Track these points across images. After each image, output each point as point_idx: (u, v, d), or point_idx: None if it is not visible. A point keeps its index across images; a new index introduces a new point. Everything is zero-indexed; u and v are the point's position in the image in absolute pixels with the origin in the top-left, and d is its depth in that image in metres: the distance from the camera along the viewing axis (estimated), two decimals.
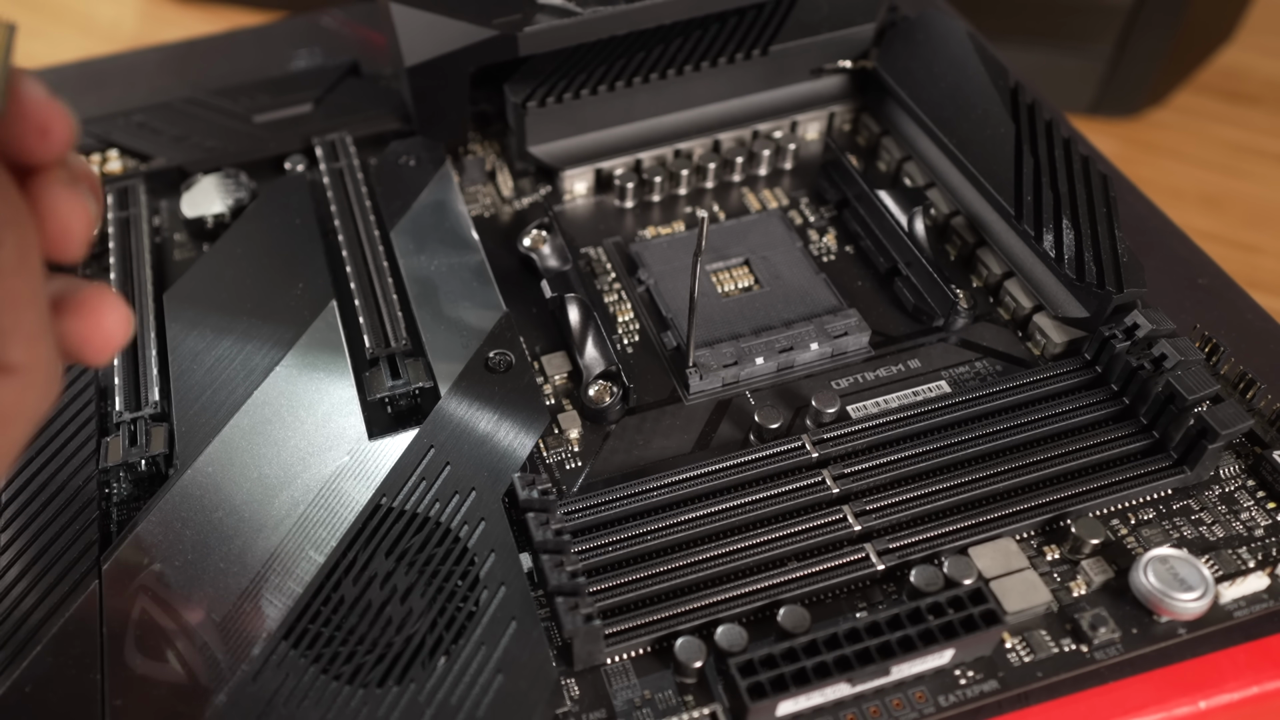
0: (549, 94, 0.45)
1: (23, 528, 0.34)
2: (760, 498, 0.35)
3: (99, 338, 0.24)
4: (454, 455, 0.35)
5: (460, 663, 0.30)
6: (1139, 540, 0.34)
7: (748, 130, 0.49)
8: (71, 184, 0.23)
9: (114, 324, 0.24)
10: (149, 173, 0.48)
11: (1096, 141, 0.51)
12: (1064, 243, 0.39)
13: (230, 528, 0.33)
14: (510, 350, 0.38)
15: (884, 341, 0.41)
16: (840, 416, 0.38)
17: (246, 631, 0.31)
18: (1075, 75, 1.28)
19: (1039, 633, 0.32)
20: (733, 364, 0.39)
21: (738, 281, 0.43)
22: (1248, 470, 0.36)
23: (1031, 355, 0.40)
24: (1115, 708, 0.31)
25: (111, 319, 0.24)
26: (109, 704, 0.30)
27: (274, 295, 0.41)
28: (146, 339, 0.40)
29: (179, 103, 0.51)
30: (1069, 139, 0.43)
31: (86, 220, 0.24)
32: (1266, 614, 0.32)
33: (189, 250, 0.46)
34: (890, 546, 0.33)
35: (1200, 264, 0.43)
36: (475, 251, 0.43)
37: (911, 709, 0.30)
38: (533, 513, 0.33)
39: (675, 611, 0.32)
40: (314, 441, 0.36)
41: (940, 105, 0.45)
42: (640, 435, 0.38)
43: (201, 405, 0.37)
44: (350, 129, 0.49)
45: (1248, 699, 0.31)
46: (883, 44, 0.49)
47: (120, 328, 0.24)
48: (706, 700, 0.31)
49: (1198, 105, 1.36)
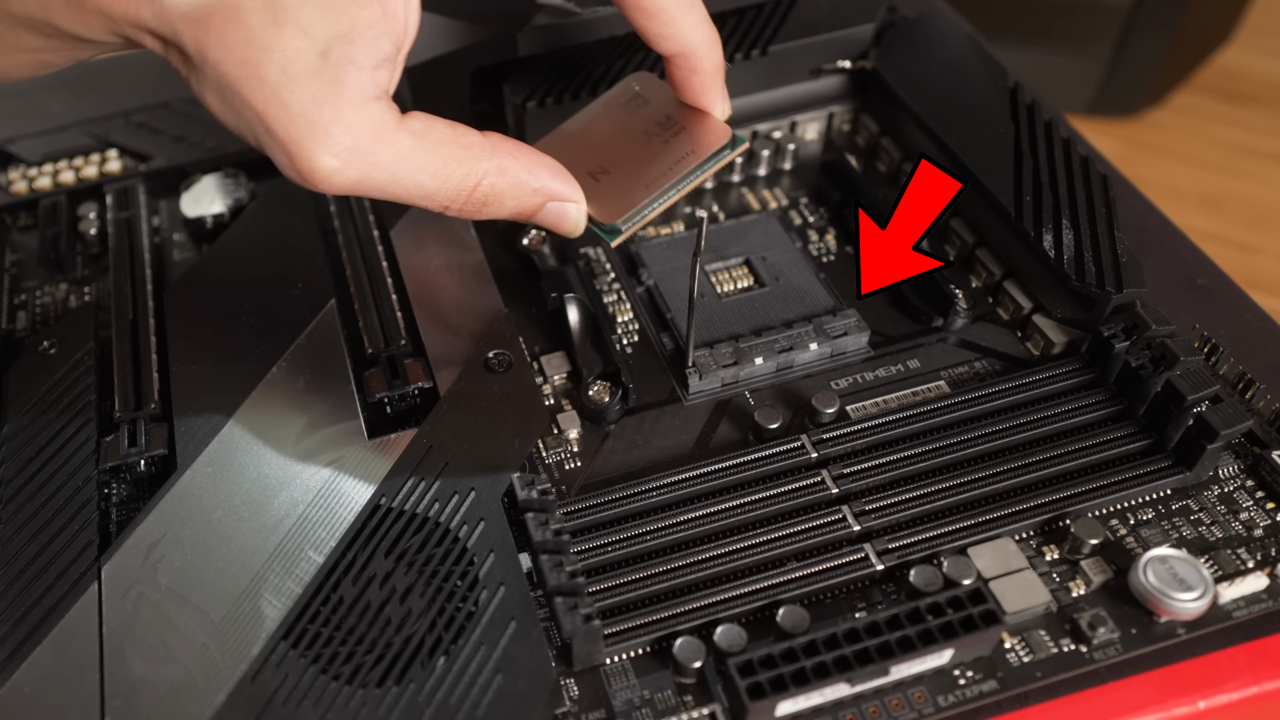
0: (549, 94, 0.45)
1: (22, 528, 0.34)
2: (759, 498, 0.35)
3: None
4: (453, 455, 0.35)
5: (459, 663, 0.30)
6: (1138, 540, 0.34)
7: (747, 130, 0.49)
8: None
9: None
10: (149, 173, 0.48)
11: (1096, 142, 0.51)
12: (1063, 243, 0.39)
13: (230, 528, 0.33)
14: (510, 350, 0.38)
15: (883, 342, 0.41)
16: (839, 417, 0.38)
17: (246, 631, 0.31)
18: (1074, 76, 1.29)
19: (1038, 633, 0.32)
20: (732, 364, 0.39)
21: (737, 282, 0.43)
22: (1247, 470, 0.36)
23: (1031, 355, 0.40)
24: (1114, 708, 0.31)
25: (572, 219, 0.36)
26: (109, 704, 0.30)
27: (274, 295, 0.41)
28: (146, 339, 0.40)
29: (179, 103, 0.51)
30: (1068, 139, 0.43)
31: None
32: (1265, 614, 0.32)
33: (189, 250, 0.47)
34: (889, 546, 0.33)
35: (1199, 264, 0.43)
36: (475, 251, 0.43)
37: (911, 709, 0.30)
38: (532, 513, 0.33)
39: (674, 612, 0.32)
40: (313, 442, 0.36)
41: (939, 105, 0.45)
42: (640, 435, 0.38)
43: (201, 405, 0.37)
44: None
45: (1247, 699, 0.31)
46: (882, 44, 0.49)
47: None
48: (706, 700, 0.31)
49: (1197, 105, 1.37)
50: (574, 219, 0.36)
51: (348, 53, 0.30)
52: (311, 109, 0.29)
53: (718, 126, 0.37)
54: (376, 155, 0.31)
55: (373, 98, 0.30)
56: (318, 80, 0.30)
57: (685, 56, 0.36)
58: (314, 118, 0.30)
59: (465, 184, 0.32)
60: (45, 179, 0.49)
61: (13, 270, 0.46)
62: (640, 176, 0.36)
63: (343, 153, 0.30)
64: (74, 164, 0.49)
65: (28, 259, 0.46)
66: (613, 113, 0.39)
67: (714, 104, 0.38)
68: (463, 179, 0.32)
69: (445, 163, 0.32)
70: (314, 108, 0.30)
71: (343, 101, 0.30)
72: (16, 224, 0.48)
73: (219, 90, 0.30)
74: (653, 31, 0.35)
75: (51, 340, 0.40)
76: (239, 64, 0.29)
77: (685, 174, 0.36)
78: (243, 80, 0.29)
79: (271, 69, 0.29)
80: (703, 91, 0.37)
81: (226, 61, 0.29)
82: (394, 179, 0.31)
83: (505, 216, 0.35)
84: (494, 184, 0.33)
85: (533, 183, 0.34)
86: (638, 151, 0.37)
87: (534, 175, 0.34)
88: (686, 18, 0.35)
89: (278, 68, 0.29)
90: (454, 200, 0.33)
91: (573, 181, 0.35)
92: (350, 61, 0.30)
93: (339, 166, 0.30)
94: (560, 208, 0.35)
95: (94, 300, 0.44)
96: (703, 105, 0.38)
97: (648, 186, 0.36)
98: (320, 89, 0.30)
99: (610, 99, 0.39)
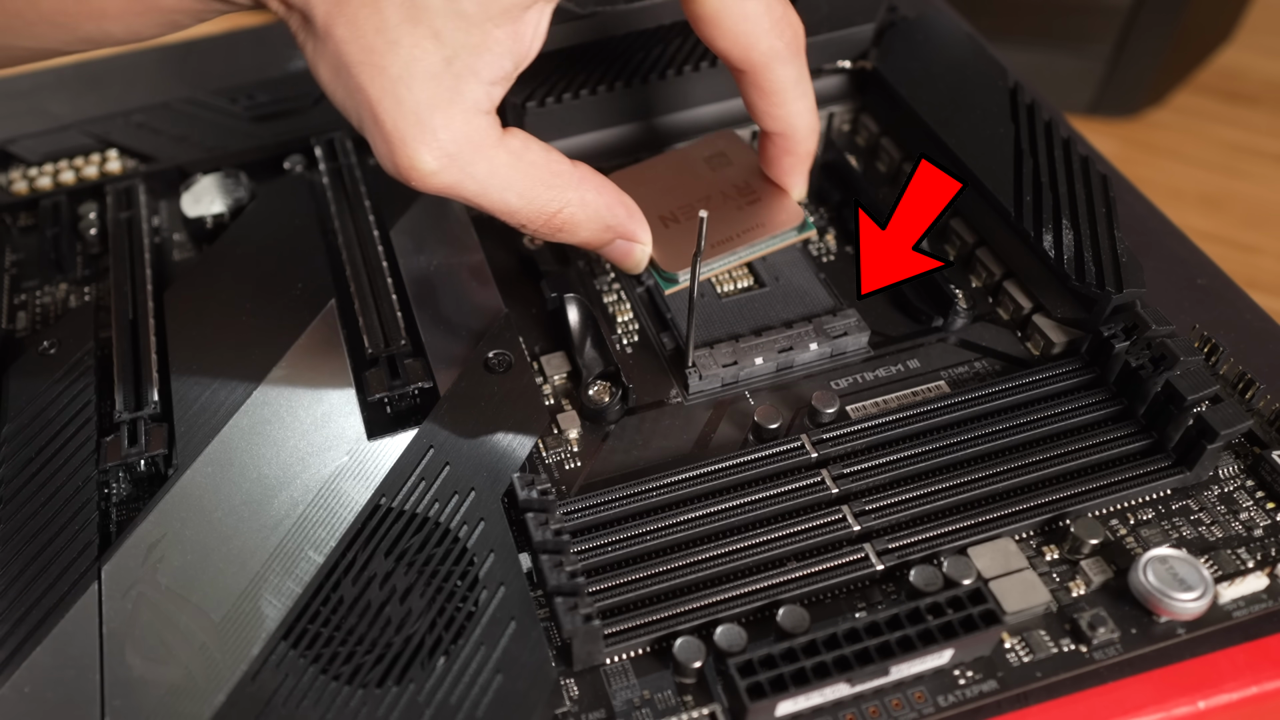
0: (549, 94, 0.45)
1: (22, 527, 0.34)
2: (759, 498, 0.35)
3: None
4: (453, 455, 0.35)
5: (459, 663, 0.30)
6: (1138, 540, 0.34)
7: (747, 131, 0.49)
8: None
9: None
10: (149, 173, 0.48)
11: (1096, 142, 0.51)
12: (1063, 243, 0.39)
13: (230, 528, 0.33)
14: (510, 350, 0.38)
15: (883, 341, 0.41)
16: (839, 417, 0.38)
17: (246, 631, 0.31)
18: (1074, 75, 1.29)
19: (1038, 633, 0.32)
20: (732, 364, 0.39)
21: (737, 282, 0.43)
22: (1247, 470, 0.36)
23: (1031, 355, 0.40)
24: (1114, 708, 0.31)
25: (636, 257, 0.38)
26: (109, 704, 0.30)
27: (274, 295, 0.41)
28: (146, 339, 0.40)
29: (179, 103, 0.51)
30: (1068, 139, 0.43)
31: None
32: (1265, 614, 0.32)
33: (189, 250, 0.47)
34: (889, 546, 0.33)
35: (1199, 264, 0.43)
36: (475, 251, 0.43)
37: (911, 709, 0.30)
38: (532, 513, 0.33)
39: (674, 612, 0.32)
40: (313, 442, 0.36)
41: (939, 105, 0.45)
42: (639, 435, 0.38)
43: (201, 405, 0.37)
44: (350, 129, 0.49)
45: (1247, 699, 0.31)
46: (882, 44, 0.49)
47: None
48: (706, 700, 0.31)
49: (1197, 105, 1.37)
50: (637, 259, 0.38)
51: (472, 64, 0.31)
52: (424, 110, 0.31)
53: (792, 207, 0.39)
54: (474, 166, 0.32)
55: (483, 111, 0.32)
56: (436, 84, 0.31)
57: (785, 137, 0.38)
58: (425, 119, 0.31)
59: (547, 209, 0.34)
60: (45, 179, 0.49)
61: (13, 270, 0.46)
62: (708, 235, 0.38)
63: (443, 157, 0.32)
64: (74, 164, 0.49)
65: (28, 259, 0.46)
66: (693, 164, 0.41)
67: (795, 185, 0.40)
68: (546, 203, 0.34)
69: (533, 185, 0.34)
70: (427, 109, 0.31)
71: (455, 109, 0.31)
72: (16, 224, 0.48)
73: (335, 67, 0.31)
74: (762, 108, 0.37)
75: (51, 340, 0.40)
76: (364, 49, 0.31)
77: (751, 244, 0.38)
78: (364, 66, 0.31)
79: (395, 63, 0.30)
80: (790, 172, 0.39)
81: (352, 43, 0.31)
82: (483, 191, 0.33)
83: (575, 244, 0.37)
84: (573, 214, 0.35)
85: (609, 219, 0.36)
86: (710, 208, 0.39)
87: (612, 212, 0.36)
88: (798, 103, 0.37)
89: (401, 63, 0.30)
90: (532, 221, 0.34)
91: (645, 224, 0.37)
92: (472, 73, 0.31)
93: (437, 170, 0.32)
94: (628, 246, 0.37)
95: (94, 300, 0.44)
96: (784, 184, 0.40)
97: (714, 246, 0.38)
98: (437, 92, 0.31)
99: (693, 149, 0.41)
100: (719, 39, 0.35)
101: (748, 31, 0.34)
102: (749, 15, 0.34)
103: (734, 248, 0.38)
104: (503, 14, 0.31)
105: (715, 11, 0.34)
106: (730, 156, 0.41)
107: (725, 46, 0.35)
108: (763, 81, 0.36)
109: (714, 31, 0.35)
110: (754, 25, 0.34)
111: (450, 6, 0.31)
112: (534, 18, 0.32)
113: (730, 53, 0.35)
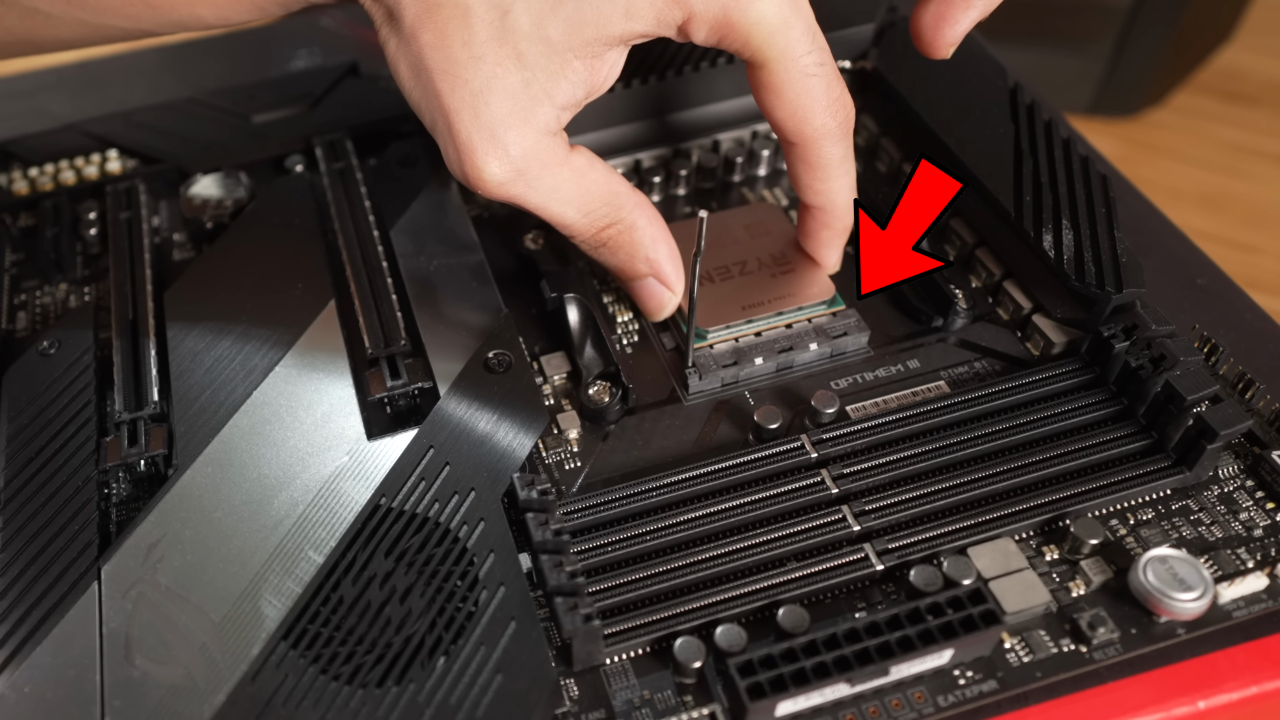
0: None
1: (22, 527, 0.34)
2: (759, 498, 0.35)
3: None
4: (453, 455, 0.35)
5: (459, 663, 0.30)
6: (1138, 540, 0.34)
7: (748, 130, 0.49)
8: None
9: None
10: (149, 173, 0.48)
11: (1096, 142, 0.51)
12: (1063, 243, 0.39)
13: (229, 528, 0.33)
14: (510, 350, 0.38)
15: (883, 342, 0.41)
16: (839, 417, 0.38)
17: (246, 631, 0.31)
18: (1074, 75, 1.29)
19: (1038, 633, 0.32)
20: (732, 364, 0.39)
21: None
22: (1247, 470, 0.36)
23: (1031, 355, 0.40)
24: (1114, 708, 0.31)
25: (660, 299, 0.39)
26: (109, 704, 0.30)
27: (274, 295, 0.41)
28: (146, 339, 0.40)
29: (179, 103, 0.51)
30: (1068, 139, 0.43)
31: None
32: (1265, 614, 0.32)
33: (189, 250, 0.47)
34: (889, 547, 0.33)
35: (1199, 264, 0.43)
36: (475, 251, 0.43)
37: (911, 709, 0.30)
38: (532, 513, 0.33)
39: (674, 612, 0.32)
40: (313, 442, 0.36)
41: (939, 105, 0.45)
42: (639, 435, 0.38)
43: (201, 405, 0.37)
44: (350, 129, 0.49)
45: (1247, 699, 0.31)
46: (882, 44, 0.49)
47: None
48: (705, 700, 0.31)
49: (1197, 105, 1.37)
50: (663, 304, 0.39)
51: (548, 88, 0.33)
52: (499, 125, 0.33)
53: (824, 281, 0.41)
54: (539, 181, 0.34)
55: (553, 132, 0.34)
56: (513, 102, 0.33)
57: (825, 212, 0.39)
58: (498, 134, 0.33)
59: (598, 223, 0.36)
60: (45, 179, 0.49)
61: (13, 270, 0.46)
62: (740, 298, 0.40)
63: (511, 170, 0.33)
64: (74, 164, 0.49)
65: (28, 259, 0.46)
66: (732, 229, 0.43)
67: (829, 258, 0.41)
68: (599, 218, 0.36)
69: (590, 200, 0.35)
70: (501, 125, 0.33)
71: (528, 128, 0.33)
72: (16, 224, 0.48)
73: (416, 69, 0.33)
74: (806, 181, 0.38)
75: (51, 340, 0.40)
76: (448, 59, 0.32)
77: (780, 312, 0.39)
78: (445, 74, 0.32)
79: (477, 77, 0.32)
80: (826, 245, 0.40)
81: (437, 49, 0.32)
82: (545, 204, 0.35)
83: (611, 266, 0.38)
84: (618, 233, 0.36)
85: (650, 252, 0.37)
86: (744, 273, 0.41)
87: (655, 247, 0.37)
88: (840, 180, 0.38)
89: (483, 79, 0.32)
90: (582, 233, 0.36)
91: (681, 273, 0.38)
92: (548, 96, 0.33)
93: (504, 181, 0.33)
94: (658, 289, 0.39)
95: (94, 300, 0.44)
96: (818, 256, 0.41)
97: (744, 310, 0.40)
98: (512, 110, 0.33)
99: (733, 216, 0.43)
100: (778, 109, 0.36)
101: (806, 106, 0.35)
102: (810, 90, 0.35)
103: (763, 313, 0.39)
104: (584, 46, 0.33)
105: (780, 82, 0.35)
106: (768, 226, 0.43)
107: (782, 117, 0.36)
108: (811, 156, 0.37)
109: (775, 101, 0.35)
110: (813, 101, 0.35)
111: (537, 31, 0.32)
112: (614, 57, 0.34)
113: (785, 124, 0.36)
